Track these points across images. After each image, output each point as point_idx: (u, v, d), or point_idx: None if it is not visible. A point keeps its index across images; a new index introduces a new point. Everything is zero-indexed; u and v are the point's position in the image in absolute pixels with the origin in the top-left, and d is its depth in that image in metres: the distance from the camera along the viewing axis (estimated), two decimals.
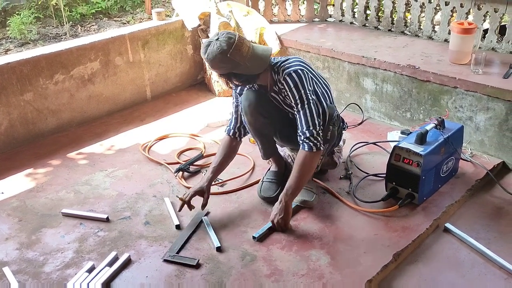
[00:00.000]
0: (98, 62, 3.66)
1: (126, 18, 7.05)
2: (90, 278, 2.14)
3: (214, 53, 2.28)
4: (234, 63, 2.31)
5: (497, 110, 2.88)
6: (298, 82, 2.36)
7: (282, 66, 2.42)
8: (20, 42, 6.01)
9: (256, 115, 2.53)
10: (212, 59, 2.30)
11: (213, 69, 2.40)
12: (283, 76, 2.39)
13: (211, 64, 2.35)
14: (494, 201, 2.69)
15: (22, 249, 2.37)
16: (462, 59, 3.19)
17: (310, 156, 2.38)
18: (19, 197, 2.79)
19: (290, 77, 2.37)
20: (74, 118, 3.64)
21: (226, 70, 2.35)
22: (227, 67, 2.33)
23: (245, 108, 2.53)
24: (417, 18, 3.77)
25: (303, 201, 2.57)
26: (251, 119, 2.55)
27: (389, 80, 3.37)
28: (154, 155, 3.17)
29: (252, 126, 2.59)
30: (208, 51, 2.30)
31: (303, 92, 2.36)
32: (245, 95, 2.54)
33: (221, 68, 2.35)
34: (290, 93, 2.38)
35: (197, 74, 4.37)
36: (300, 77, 2.37)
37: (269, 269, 2.19)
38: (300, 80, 2.36)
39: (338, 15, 4.28)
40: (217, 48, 2.27)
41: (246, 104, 2.52)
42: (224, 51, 2.27)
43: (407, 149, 2.49)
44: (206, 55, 2.31)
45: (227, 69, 2.34)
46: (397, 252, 2.25)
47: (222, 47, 2.27)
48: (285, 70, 2.39)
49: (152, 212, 2.62)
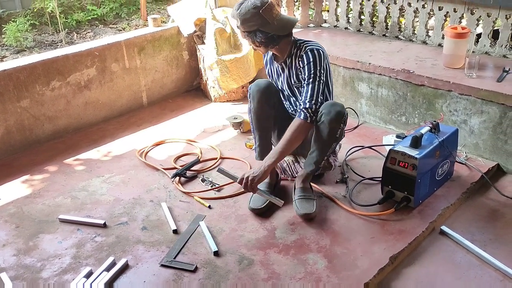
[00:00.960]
0: (95, 68, 3.67)
1: (121, 25, 7.08)
2: (88, 284, 2.14)
3: (248, 7, 2.45)
4: (264, 21, 2.47)
5: (491, 113, 2.91)
6: (317, 58, 2.52)
7: (305, 43, 2.59)
8: (16, 49, 6.02)
9: (262, 102, 2.65)
10: (245, 13, 2.46)
11: (243, 25, 2.50)
12: (304, 50, 2.54)
13: (242, 19, 2.48)
14: (489, 203, 2.71)
15: (19, 255, 2.37)
16: (456, 63, 3.22)
17: (303, 125, 2.49)
18: (16, 203, 2.79)
19: (311, 52, 2.52)
20: (71, 124, 3.64)
21: (254, 27, 2.48)
22: (257, 23, 2.47)
23: (253, 93, 2.66)
24: (411, 23, 3.80)
25: (304, 214, 2.54)
26: (257, 106, 2.65)
27: (384, 84, 3.39)
28: (150, 161, 3.18)
29: (256, 114, 2.68)
30: (242, 7, 2.47)
31: (318, 69, 2.51)
32: (256, 82, 2.69)
33: (250, 24, 2.48)
34: (307, 66, 2.52)
35: (193, 80, 4.39)
36: (320, 55, 2.53)
37: (266, 273, 2.20)
38: (320, 58, 2.52)
39: (333, 21, 4.31)
40: (252, 4, 2.45)
41: (255, 89, 2.66)
42: (257, 7, 2.45)
43: (403, 153, 2.51)
44: (238, 10, 2.48)
45: (256, 25, 2.47)
46: (394, 255, 2.26)
47: (256, 4, 2.45)
48: (308, 46, 2.56)
49: (149, 217, 2.63)
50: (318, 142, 2.56)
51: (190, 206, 2.70)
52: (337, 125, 2.52)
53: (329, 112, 2.47)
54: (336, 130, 2.54)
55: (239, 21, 2.50)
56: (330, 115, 2.47)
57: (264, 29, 2.48)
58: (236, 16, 2.50)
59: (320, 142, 2.56)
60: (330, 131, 2.50)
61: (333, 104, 2.52)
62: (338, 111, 2.49)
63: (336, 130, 2.54)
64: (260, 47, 2.59)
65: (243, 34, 2.58)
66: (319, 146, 2.57)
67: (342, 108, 2.52)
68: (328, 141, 2.55)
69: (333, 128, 2.51)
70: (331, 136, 2.53)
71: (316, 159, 2.62)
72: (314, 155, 2.62)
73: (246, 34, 2.55)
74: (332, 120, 2.48)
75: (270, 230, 2.48)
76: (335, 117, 2.48)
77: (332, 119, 2.48)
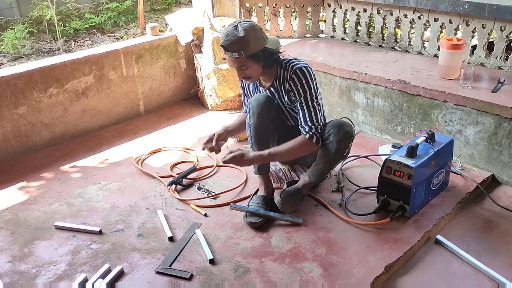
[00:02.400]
0: (92, 76, 3.68)
1: (119, 33, 7.11)
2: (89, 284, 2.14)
3: (251, 26, 2.39)
4: (265, 37, 2.45)
5: (486, 124, 2.93)
6: (308, 78, 2.48)
7: (291, 62, 2.53)
8: (13, 56, 6.04)
9: (262, 116, 2.60)
10: (251, 30, 2.37)
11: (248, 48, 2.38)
12: (293, 70, 2.48)
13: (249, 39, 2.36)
14: (484, 213, 2.72)
15: (14, 261, 2.37)
16: (452, 74, 3.25)
17: (310, 145, 2.50)
18: (12, 210, 2.79)
19: (301, 72, 2.48)
20: (68, 131, 3.65)
21: (260, 45, 2.42)
22: (262, 40, 2.42)
23: (253, 108, 2.60)
24: (407, 34, 3.84)
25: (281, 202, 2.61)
26: (256, 121, 2.60)
27: (380, 94, 3.42)
28: (147, 168, 3.18)
29: (255, 129, 2.63)
30: (243, 28, 2.36)
31: (313, 89, 2.49)
32: (255, 96, 2.64)
33: (258, 42, 2.41)
34: (300, 88, 2.48)
35: (190, 89, 4.41)
36: (310, 74, 2.50)
37: (262, 281, 2.20)
38: (310, 77, 2.49)
39: (330, 31, 4.34)
40: (249, 24, 2.40)
41: (255, 104, 2.60)
42: (256, 25, 2.42)
43: (398, 162, 2.53)
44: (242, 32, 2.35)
45: (262, 43, 2.42)
46: (389, 264, 2.27)
47: (252, 23, 2.42)
48: (295, 65, 2.50)
49: (145, 224, 2.62)
50: (325, 158, 2.58)
51: (186, 214, 2.70)
52: (345, 145, 2.55)
53: (338, 132, 2.49)
54: (344, 149, 2.58)
55: (246, 43, 2.37)
56: (339, 135, 2.49)
57: (268, 46, 2.45)
58: (241, 39, 2.35)
59: (327, 158, 2.58)
60: (338, 150, 2.52)
61: (342, 124, 2.53)
62: (346, 131, 2.51)
63: (344, 149, 2.57)
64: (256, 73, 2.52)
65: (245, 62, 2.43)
66: (326, 161, 2.59)
67: (350, 128, 2.54)
68: (335, 158, 2.59)
69: (341, 148, 2.53)
70: (339, 154, 2.57)
71: (322, 171, 2.65)
72: (320, 168, 2.64)
73: (251, 59, 2.43)
74: (341, 140, 2.50)
75: (266, 239, 2.49)
76: (344, 137, 2.51)
77: (341, 139, 2.50)
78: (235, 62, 2.45)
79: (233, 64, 2.48)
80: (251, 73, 2.50)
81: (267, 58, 2.46)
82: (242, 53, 2.39)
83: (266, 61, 2.48)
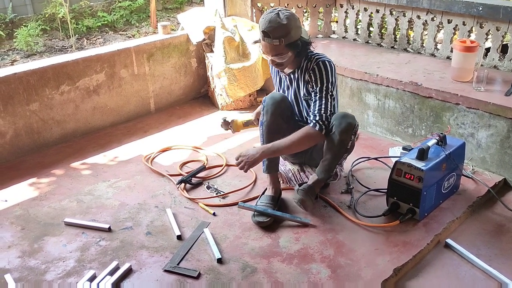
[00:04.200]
0: (104, 74, 3.70)
1: (131, 31, 7.14)
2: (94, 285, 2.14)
3: (291, 14, 2.41)
4: (301, 27, 2.49)
5: (499, 127, 2.90)
6: (328, 71, 2.51)
7: (315, 55, 2.57)
8: (26, 53, 6.09)
9: (276, 115, 2.62)
10: (293, 19, 2.40)
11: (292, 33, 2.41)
12: (316, 62, 2.52)
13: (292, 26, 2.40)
14: (496, 218, 2.69)
15: (24, 257, 2.38)
16: (464, 77, 3.22)
17: (314, 134, 2.50)
18: (22, 206, 2.81)
19: (323, 65, 2.51)
20: (79, 128, 3.67)
21: (299, 34, 2.46)
22: (300, 30, 2.47)
23: (268, 106, 2.63)
24: (419, 36, 3.81)
25: (301, 199, 2.60)
26: (270, 119, 2.62)
27: (391, 96, 3.39)
28: (156, 167, 3.19)
29: (268, 127, 2.65)
30: (285, 16, 2.39)
31: (330, 82, 2.51)
32: (270, 95, 2.68)
33: (298, 30, 2.45)
34: (319, 79, 2.51)
35: (201, 88, 4.41)
36: (331, 68, 2.53)
37: (269, 281, 2.19)
38: (331, 71, 2.52)
39: (342, 32, 4.33)
40: (290, 13, 2.42)
41: (270, 102, 2.63)
42: (295, 14, 2.45)
43: (409, 164, 2.51)
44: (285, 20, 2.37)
45: (300, 32, 2.47)
46: (398, 267, 2.25)
47: (291, 12, 2.43)
48: (318, 58, 2.54)
49: (153, 222, 2.63)
50: (330, 151, 2.57)
51: (195, 213, 2.71)
52: (347, 137, 2.53)
53: (340, 124, 2.48)
54: (347, 141, 2.56)
55: (288, 30, 2.38)
56: (341, 126, 2.48)
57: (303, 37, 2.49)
58: (283, 26, 2.36)
59: (332, 152, 2.57)
60: (341, 142, 2.51)
61: (344, 115, 2.52)
62: (349, 122, 2.50)
63: (347, 141, 2.55)
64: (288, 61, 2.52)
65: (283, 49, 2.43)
66: (331, 155, 2.58)
67: (353, 120, 2.53)
68: (339, 151, 2.57)
69: (344, 139, 2.52)
70: (342, 146, 2.55)
71: (328, 167, 2.64)
72: (326, 163, 2.63)
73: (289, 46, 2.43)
74: (343, 131, 2.49)
75: (274, 239, 2.48)
76: (346, 129, 2.49)
77: (343, 130, 2.49)
78: (274, 49, 2.45)
79: (270, 51, 2.46)
80: (284, 60, 2.52)
81: (301, 47, 2.49)
82: (283, 41, 2.41)
83: (300, 50, 2.51)
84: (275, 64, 2.56)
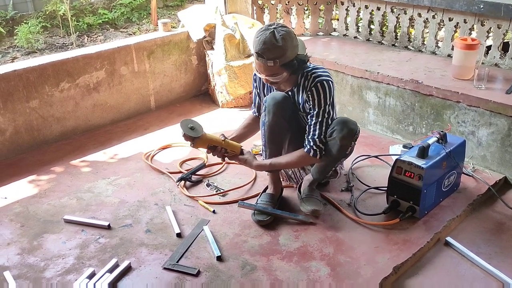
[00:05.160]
0: (104, 71, 3.69)
1: (132, 29, 7.13)
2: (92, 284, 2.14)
3: (286, 33, 2.30)
4: (298, 45, 2.37)
5: (500, 125, 2.89)
6: (327, 93, 2.43)
7: (314, 72, 2.47)
8: (27, 51, 6.08)
9: (278, 116, 2.54)
10: (288, 38, 2.29)
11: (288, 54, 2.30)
12: (314, 82, 2.44)
13: (287, 47, 2.28)
14: (496, 216, 2.69)
15: (23, 254, 2.38)
16: (465, 75, 3.21)
17: (307, 158, 2.54)
18: (22, 203, 2.81)
19: (322, 86, 2.43)
20: (79, 126, 3.67)
21: (295, 53, 2.35)
22: (296, 48, 2.36)
23: (270, 106, 2.53)
24: (420, 34, 3.80)
25: (313, 210, 2.56)
26: (272, 119, 2.55)
27: (392, 94, 3.39)
28: (156, 164, 3.19)
29: (270, 128, 2.58)
30: (280, 36, 2.27)
31: (328, 104, 2.46)
32: (272, 94, 2.57)
33: (294, 50, 2.34)
34: (317, 102, 2.44)
35: (201, 85, 4.41)
36: (330, 88, 2.45)
37: (269, 279, 2.19)
38: (329, 92, 2.44)
39: (342, 29, 4.32)
40: (286, 31, 2.30)
41: (271, 102, 2.53)
42: (291, 32, 2.33)
43: (409, 162, 2.50)
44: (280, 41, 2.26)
45: (296, 51, 2.36)
46: (398, 265, 2.25)
47: (288, 30, 2.32)
48: (317, 77, 2.45)
49: (153, 220, 2.63)
50: (328, 155, 2.54)
51: (195, 211, 2.70)
52: (348, 143, 2.51)
53: (341, 130, 2.45)
54: (347, 147, 2.54)
55: (283, 51, 2.28)
56: (342, 132, 2.45)
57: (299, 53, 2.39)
58: (278, 48, 2.27)
59: (330, 155, 2.54)
60: (341, 148, 2.49)
61: (346, 121, 2.48)
62: (350, 129, 2.47)
63: (347, 147, 2.53)
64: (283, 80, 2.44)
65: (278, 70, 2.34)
66: (329, 158, 2.56)
67: (354, 126, 2.50)
68: (337, 156, 2.54)
69: (344, 145, 2.49)
70: (342, 152, 2.52)
71: (324, 169, 2.63)
72: (322, 165, 2.61)
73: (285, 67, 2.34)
74: (344, 137, 2.46)
75: (273, 237, 2.48)
76: (347, 135, 2.46)
77: (344, 137, 2.46)
78: (267, 70, 2.35)
79: (264, 71, 2.37)
80: (278, 79, 2.42)
81: (297, 65, 2.40)
82: (278, 62, 2.31)
83: (296, 69, 2.41)
84: (270, 83, 2.48)
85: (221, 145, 2.53)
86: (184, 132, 2.50)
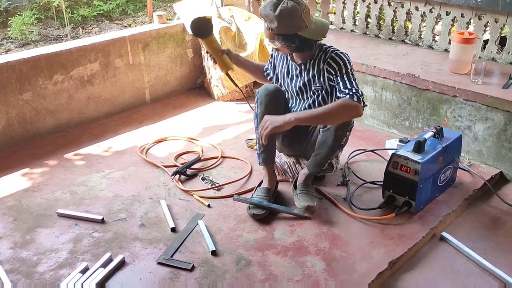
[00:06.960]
0: (98, 63, 3.65)
1: (127, 21, 7.08)
2: (83, 279, 2.12)
3: (288, 10, 2.30)
4: (303, 25, 2.36)
5: (496, 120, 2.88)
6: (346, 61, 2.45)
7: (331, 47, 2.52)
8: (21, 42, 6.03)
9: (271, 107, 2.55)
10: (285, 15, 2.30)
11: (280, 27, 2.34)
12: (331, 53, 2.47)
13: (280, 21, 2.32)
14: (491, 211, 2.68)
15: (16, 248, 2.36)
16: (462, 69, 3.19)
17: (353, 105, 2.30)
18: (15, 196, 2.78)
19: (339, 56, 2.46)
20: (72, 119, 3.63)
21: (293, 31, 2.36)
22: (296, 26, 2.35)
23: (262, 97, 2.57)
24: (417, 27, 3.78)
25: (308, 206, 2.55)
26: (264, 111, 2.55)
27: (389, 88, 3.37)
28: (151, 158, 3.16)
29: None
30: (281, 8, 2.30)
31: (350, 69, 2.44)
32: (264, 86, 2.61)
33: (290, 28, 2.35)
34: (338, 67, 2.43)
35: (197, 78, 4.37)
36: (348, 60, 2.47)
37: (263, 274, 2.18)
38: (348, 62, 2.46)
39: (339, 23, 4.29)
40: (292, 6, 2.30)
41: (263, 93, 2.57)
42: (298, 10, 2.32)
43: (405, 157, 2.49)
44: (276, 12, 2.30)
45: (294, 29, 2.36)
46: (393, 260, 2.24)
47: (296, 6, 2.32)
48: (335, 50, 2.49)
49: (147, 214, 2.61)
50: (323, 147, 2.55)
51: (189, 205, 2.68)
52: (343, 133, 2.51)
53: None
54: (342, 138, 2.54)
55: (276, 23, 2.32)
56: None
57: (302, 33, 2.37)
58: (273, 17, 2.32)
59: (325, 147, 2.54)
60: (335, 138, 2.49)
61: None
62: None
63: (342, 137, 2.53)
64: (286, 51, 2.48)
65: (274, 37, 2.40)
66: (324, 150, 2.56)
67: None
68: (332, 147, 2.54)
69: (339, 136, 2.50)
70: (336, 143, 2.53)
71: (320, 161, 2.61)
72: (318, 158, 2.60)
73: (281, 38, 2.39)
74: (339, 128, 2.47)
75: (269, 231, 2.46)
76: (342, 125, 2.47)
77: (339, 127, 2.47)
78: (266, 32, 2.45)
79: (264, 32, 2.47)
80: (275, 46, 2.48)
81: (298, 43, 2.41)
82: (272, 29, 2.38)
83: (296, 46, 2.42)
84: (273, 47, 2.54)
85: (216, 56, 2.68)
86: (193, 31, 2.63)
